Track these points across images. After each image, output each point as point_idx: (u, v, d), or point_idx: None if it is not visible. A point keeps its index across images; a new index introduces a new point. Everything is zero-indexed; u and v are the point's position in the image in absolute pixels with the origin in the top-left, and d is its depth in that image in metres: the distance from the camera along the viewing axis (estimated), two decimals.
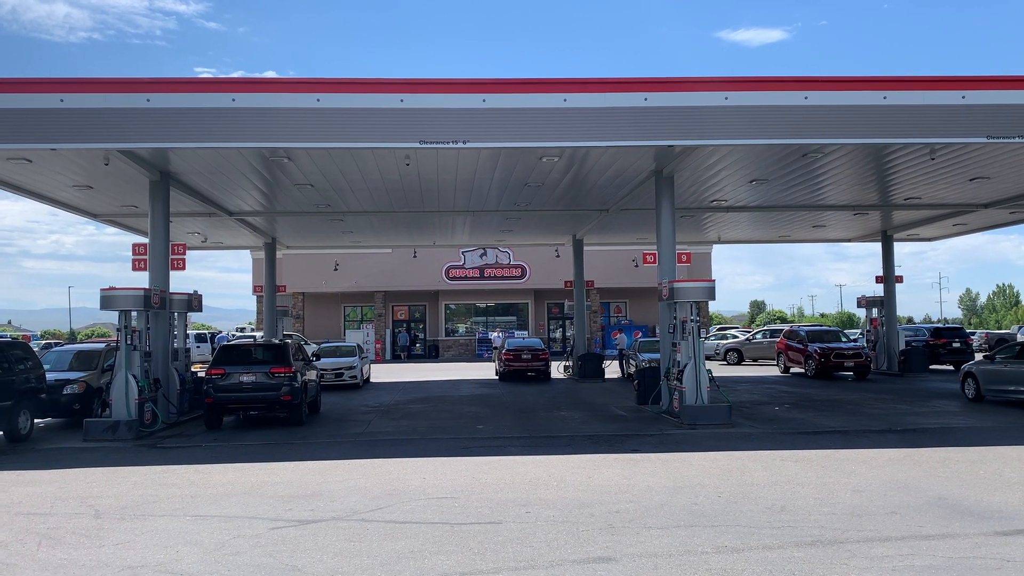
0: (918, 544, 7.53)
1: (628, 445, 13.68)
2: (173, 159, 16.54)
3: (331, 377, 25.33)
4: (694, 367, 16.08)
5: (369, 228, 27.30)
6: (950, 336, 31.69)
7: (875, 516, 8.58)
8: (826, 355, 27.20)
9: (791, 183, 19.98)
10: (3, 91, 14.19)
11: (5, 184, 18.03)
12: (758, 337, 38.62)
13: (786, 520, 8.46)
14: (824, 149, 16.23)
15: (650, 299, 46.29)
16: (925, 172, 18.76)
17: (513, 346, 29.59)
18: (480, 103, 14.62)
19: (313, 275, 45.57)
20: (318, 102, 14.41)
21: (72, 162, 16.37)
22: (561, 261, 40.74)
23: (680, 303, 16.52)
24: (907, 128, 14.85)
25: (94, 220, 23.50)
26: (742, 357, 36.56)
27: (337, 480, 10.99)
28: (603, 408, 19.24)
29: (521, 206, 22.96)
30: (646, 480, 10.64)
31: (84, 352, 19.00)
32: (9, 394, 14.72)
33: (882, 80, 14.92)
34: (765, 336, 38.22)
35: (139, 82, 14.52)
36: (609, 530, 8.17)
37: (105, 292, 16.00)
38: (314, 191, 20.02)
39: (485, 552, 7.48)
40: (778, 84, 14.94)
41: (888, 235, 30.08)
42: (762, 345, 36.98)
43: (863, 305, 31.45)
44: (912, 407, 18.58)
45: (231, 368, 16.48)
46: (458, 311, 49.21)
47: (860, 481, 10.39)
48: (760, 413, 17.77)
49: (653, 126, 14.80)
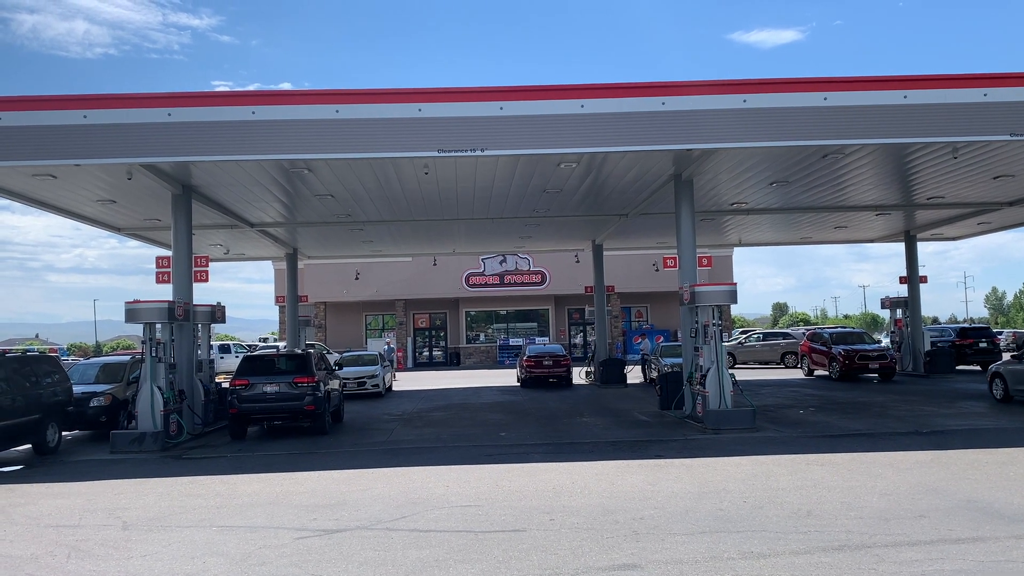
0: (947, 548, 7.43)
1: (651, 451, 13.62)
2: (195, 172, 16.71)
3: (353, 386, 25.42)
4: (717, 371, 16.00)
5: (389, 237, 27.42)
6: (976, 336, 31.28)
7: (903, 520, 8.48)
8: (850, 357, 26.94)
9: (812, 184, 19.85)
10: (28, 108, 14.41)
11: (31, 200, 18.29)
12: (751, 340, 38.72)
13: (813, 525, 8.39)
14: (845, 150, 16.13)
15: (671, 303, 46.10)
16: (947, 171, 18.58)
17: (534, 352, 29.55)
18: (498, 111, 14.66)
19: (334, 285, 45.82)
20: (337, 113, 14.52)
21: (96, 177, 16.58)
22: (581, 266, 40.70)
23: (702, 307, 16.45)
24: (928, 127, 14.72)
25: (118, 234, 23.78)
26: (735, 360, 36.37)
27: (361, 489, 11.03)
28: (626, 414, 19.18)
29: (540, 212, 22.97)
30: (670, 486, 10.59)
31: (110, 365, 19.20)
32: (37, 408, 14.92)
33: (902, 79, 14.80)
34: (759, 339, 38.80)
35: (160, 97, 14.69)
36: (634, 537, 8.13)
37: (130, 305, 16.17)
38: (334, 201, 20.15)
39: (510, 560, 7.48)
40: (796, 85, 14.87)
41: (911, 235, 29.80)
42: (755, 348, 37.46)
43: (887, 306, 31.16)
44: (939, 408, 18.36)
45: (255, 379, 16.59)
46: (478, 318, 49.24)
47: (887, 484, 10.28)
48: (784, 417, 17.63)
49: (671, 130, 14.78)
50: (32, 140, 14.30)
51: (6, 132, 14.23)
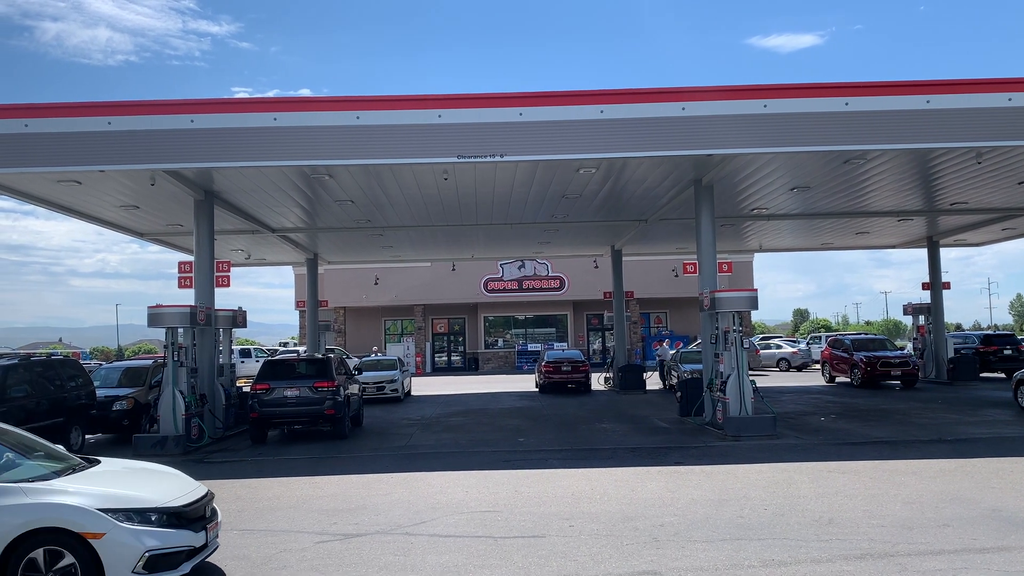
0: (972, 558, 7.35)
1: (671, 457, 13.57)
2: (217, 178, 16.86)
3: (372, 391, 25.50)
4: (738, 377, 15.91)
5: (408, 242, 27.51)
6: (1001, 343, 30.92)
7: (927, 529, 8.40)
8: (872, 364, 26.69)
9: (833, 190, 19.72)
10: (54, 115, 14.60)
11: (56, 206, 18.53)
12: None
13: (834, 533, 8.33)
14: (866, 155, 16.00)
15: (690, 309, 45.92)
16: (971, 176, 18.39)
17: (553, 358, 29.51)
18: (517, 116, 14.69)
19: (354, 290, 46.01)
20: (358, 119, 14.60)
21: (119, 183, 16.76)
22: (600, 272, 40.63)
23: (722, 313, 16.37)
24: (952, 132, 14.58)
25: (140, 239, 24.01)
26: None
27: (381, 494, 11.06)
28: (645, 420, 19.10)
29: (559, 218, 22.96)
30: (690, 493, 10.54)
31: (132, 369, 19.38)
32: (61, 411, 15.09)
33: (925, 84, 14.68)
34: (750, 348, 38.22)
35: (183, 104, 14.85)
36: (654, 544, 8.11)
37: (152, 310, 16.32)
38: (354, 207, 20.25)
39: (529, 566, 7.47)
40: (817, 91, 14.79)
41: (934, 241, 29.53)
42: None
43: (910, 312, 30.88)
44: (962, 416, 18.16)
45: (275, 383, 16.69)
46: (497, 323, 49.26)
47: (910, 493, 10.18)
48: (805, 424, 17.50)
49: (691, 135, 14.74)
50: (57, 146, 14.49)
51: (32, 139, 14.43)
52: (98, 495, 6.78)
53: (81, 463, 7.72)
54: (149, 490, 7.17)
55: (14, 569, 6.43)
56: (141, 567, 6.58)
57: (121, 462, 8.30)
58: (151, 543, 6.65)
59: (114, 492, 6.92)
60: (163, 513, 6.86)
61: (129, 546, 6.56)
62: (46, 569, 6.45)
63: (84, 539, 6.48)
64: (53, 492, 6.72)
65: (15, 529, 6.43)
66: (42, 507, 6.55)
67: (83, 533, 6.49)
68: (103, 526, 6.54)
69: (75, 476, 7.22)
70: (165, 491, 7.22)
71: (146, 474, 7.88)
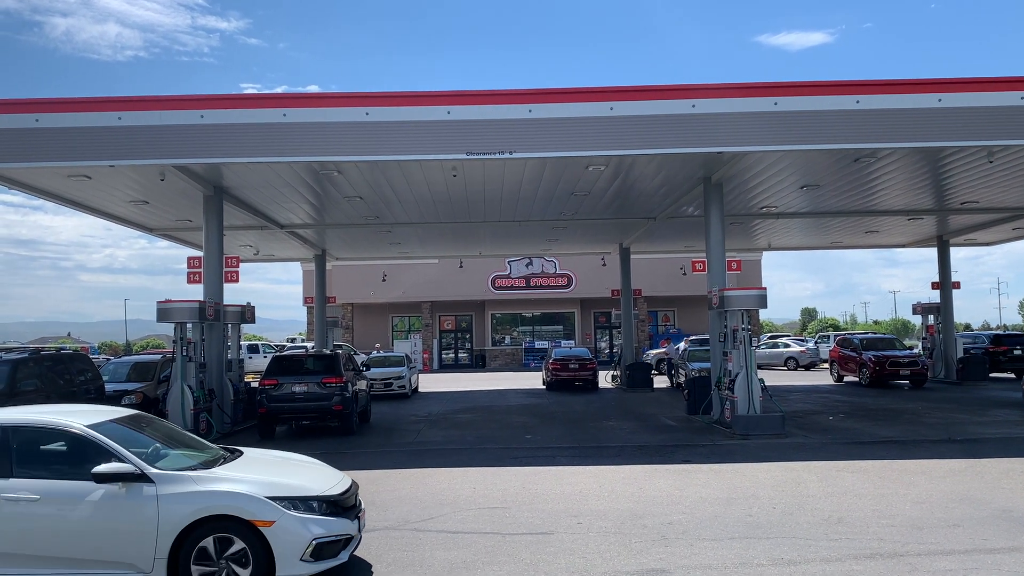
0: (983, 558, 7.32)
1: (679, 455, 13.55)
2: (226, 174, 16.89)
3: (380, 387, 25.53)
4: (746, 376, 15.87)
5: (416, 239, 27.53)
6: (1011, 343, 30.73)
7: (936, 529, 8.37)
8: (881, 363, 26.58)
9: (843, 188, 19.65)
10: (64, 110, 14.64)
11: (66, 200, 18.59)
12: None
13: (844, 532, 8.30)
14: (877, 153, 15.94)
15: (698, 307, 45.83)
16: (983, 175, 18.30)
17: (560, 356, 29.50)
18: (526, 113, 14.66)
19: (362, 286, 46.07)
20: (367, 116, 14.60)
21: (129, 178, 16.81)
22: (607, 270, 40.59)
23: (731, 311, 16.32)
24: (963, 131, 14.50)
25: (149, 234, 24.08)
26: None
27: (389, 490, 11.07)
28: (652, 418, 19.08)
29: (567, 215, 22.94)
30: (698, 491, 10.52)
31: (141, 364, 19.46)
32: None
33: (936, 82, 14.60)
34: None
35: (193, 99, 14.87)
36: (662, 541, 8.09)
37: (161, 305, 16.37)
38: (363, 203, 20.26)
39: (538, 563, 7.47)
40: (828, 88, 14.72)
41: (944, 240, 29.39)
42: None
43: (919, 312, 30.73)
44: (972, 416, 18.08)
45: (284, 379, 16.72)
46: (504, 320, 49.25)
47: (920, 492, 10.14)
48: (814, 423, 17.45)
49: (701, 133, 14.69)
50: (68, 141, 14.53)
51: (43, 133, 14.47)
52: (263, 483, 6.88)
53: (226, 453, 7.80)
54: (304, 479, 7.26)
55: (186, 555, 6.53)
56: (309, 555, 6.68)
57: (260, 451, 8.37)
58: (317, 531, 6.74)
59: (276, 480, 7.02)
60: (323, 501, 6.95)
61: (298, 534, 6.65)
62: (217, 556, 6.54)
63: (255, 527, 6.57)
64: (220, 480, 6.83)
65: (187, 516, 6.53)
66: (213, 495, 6.65)
67: (254, 521, 6.58)
68: (272, 514, 6.63)
69: (230, 465, 7.31)
70: (318, 480, 7.33)
71: (293, 463, 7.96)
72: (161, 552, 6.50)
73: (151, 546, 6.50)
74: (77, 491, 6.59)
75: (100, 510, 6.53)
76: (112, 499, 6.56)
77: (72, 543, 6.50)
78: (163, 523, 6.50)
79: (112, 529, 6.52)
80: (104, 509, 6.53)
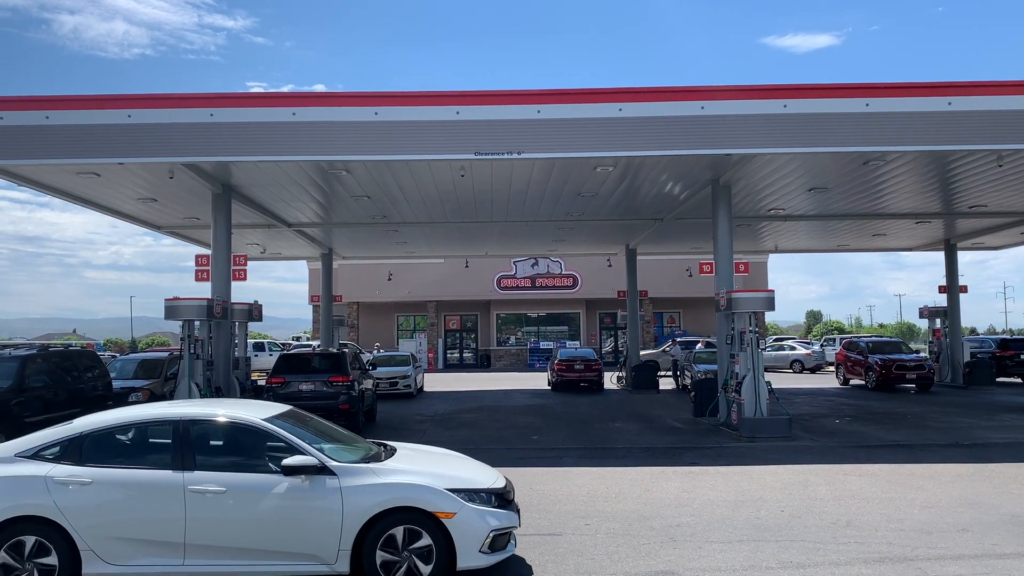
0: (993, 563, 7.30)
1: (686, 457, 13.53)
2: (235, 172, 16.91)
3: (386, 386, 25.54)
4: (753, 378, 15.85)
5: (423, 238, 27.54)
6: (1018, 348, 30.65)
7: (946, 533, 8.35)
8: (887, 367, 26.53)
9: (851, 191, 19.61)
10: (74, 108, 14.66)
11: (75, 198, 18.63)
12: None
13: (852, 536, 8.29)
14: (886, 157, 15.89)
15: (704, 309, 45.80)
16: (992, 179, 18.26)
17: (566, 356, 29.51)
18: (535, 114, 14.65)
19: (367, 285, 46.13)
20: (376, 115, 14.61)
21: (138, 176, 16.84)
22: (613, 271, 40.56)
23: (738, 313, 16.30)
24: (973, 134, 14.46)
25: (157, 232, 24.11)
26: None
27: None
28: (659, 420, 19.06)
29: (574, 216, 22.94)
30: (706, 493, 10.51)
31: (148, 361, 19.50)
32: (79, 402, 15.16)
33: (947, 85, 14.55)
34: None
35: (203, 97, 14.88)
36: (671, 543, 8.09)
37: (169, 302, 16.39)
38: (370, 202, 20.28)
39: (546, 564, 7.47)
40: (838, 91, 14.69)
41: (951, 244, 29.33)
42: None
43: (926, 316, 30.66)
44: (979, 421, 18.04)
45: (291, 377, 16.76)
46: (509, 320, 49.27)
47: (928, 497, 10.12)
48: (820, 426, 17.42)
49: (710, 134, 14.67)
50: (77, 139, 14.55)
51: (53, 131, 14.49)
52: (438, 476, 6.99)
53: (381, 447, 7.86)
54: (468, 472, 7.38)
55: (370, 547, 6.61)
56: (487, 547, 6.77)
57: (411, 446, 8.40)
58: (494, 523, 6.86)
59: (448, 473, 7.14)
60: (492, 494, 7.06)
61: (477, 525, 6.76)
62: (402, 547, 6.64)
63: (437, 518, 6.67)
64: (397, 472, 6.93)
65: (371, 509, 6.64)
66: (396, 487, 6.76)
67: (437, 513, 6.69)
68: (453, 506, 6.74)
69: (395, 459, 7.39)
70: (479, 473, 7.43)
71: (449, 458, 8.06)
72: (345, 544, 6.61)
73: (335, 538, 6.61)
74: (262, 483, 6.69)
75: (285, 502, 6.64)
76: (297, 492, 6.66)
77: (257, 535, 6.61)
78: (347, 515, 6.62)
79: (297, 520, 6.63)
80: (289, 501, 6.64)
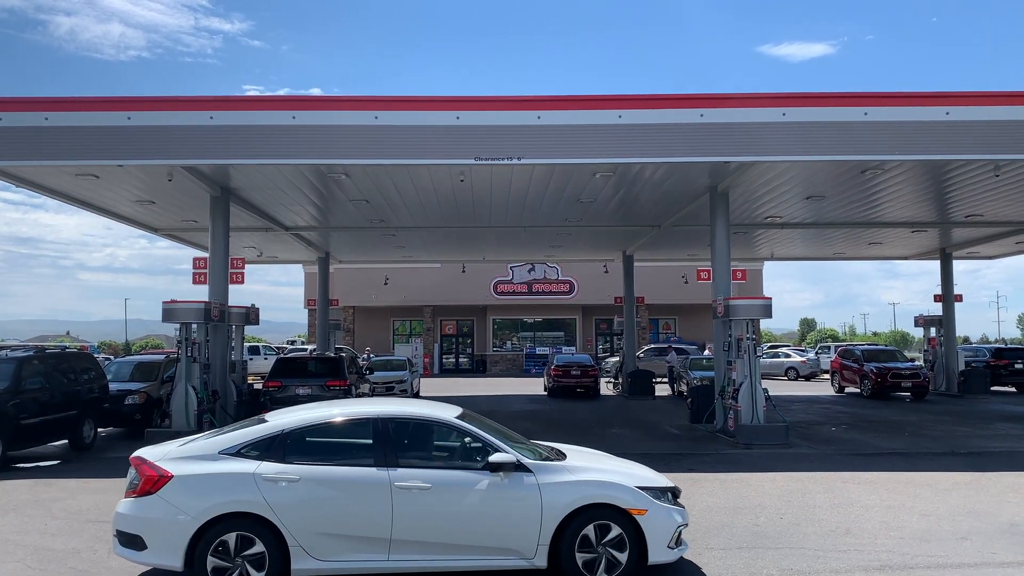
0: (992, 572, 7.31)
1: (684, 464, 13.53)
2: (234, 175, 16.90)
3: (382, 391, 25.48)
4: (750, 386, 15.87)
5: (420, 243, 27.54)
6: (1012, 357, 30.76)
7: (944, 541, 8.36)
8: (883, 375, 26.59)
9: (848, 200, 19.68)
10: (73, 109, 14.64)
11: (73, 199, 18.60)
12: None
13: (852, 543, 8.29)
14: (884, 166, 15.97)
15: (699, 316, 45.84)
16: (988, 189, 18.33)
17: (562, 362, 29.51)
18: (535, 120, 14.67)
19: (363, 289, 46.07)
20: (376, 119, 14.61)
21: (137, 178, 16.82)
22: (610, 277, 40.58)
23: (736, 320, 16.33)
24: (970, 144, 14.52)
25: (154, 234, 24.08)
26: None
27: None
28: (655, 426, 19.06)
29: (572, 222, 22.96)
30: (705, 500, 10.52)
31: (144, 363, 19.44)
32: (75, 404, 15.13)
33: (945, 95, 14.63)
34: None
35: (203, 100, 14.89)
36: None
37: (167, 305, 16.36)
38: (368, 207, 20.28)
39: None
40: (837, 100, 14.76)
41: (947, 253, 29.43)
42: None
43: (921, 324, 30.73)
44: (975, 429, 18.08)
45: (288, 380, 16.76)
46: (505, 326, 49.25)
47: (926, 505, 10.14)
48: (817, 434, 17.44)
49: (709, 142, 14.72)
50: (76, 140, 14.52)
51: (52, 132, 14.47)
52: (625, 474, 7.20)
53: (550, 448, 7.95)
54: (643, 471, 7.53)
55: (568, 542, 6.75)
56: (674, 542, 6.97)
57: (571, 447, 8.41)
58: (678, 519, 7.06)
59: (632, 472, 7.32)
60: (670, 492, 7.23)
61: (666, 522, 6.95)
62: (596, 542, 6.79)
63: (630, 515, 6.84)
64: (588, 470, 7.13)
65: (569, 505, 6.80)
66: (591, 484, 6.95)
67: (630, 510, 6.88)
68: (644, 503, 6.91)
69: (575, 458, 7.54)
70: (652, 473, 7.58)
71: (614, 458, 8.15)
72: (544, 539, 6.75)
73: (535, 533, 6.75)
74: (465, 480, 6.83)
75: (487, 498, 6.78)
76: (498, 488, 6.81)
77: (459, 530, 6.74)
78: (547, 511, 6.76)
79: (499, 516, 6.78)
80: (491, 497, 6.79)
